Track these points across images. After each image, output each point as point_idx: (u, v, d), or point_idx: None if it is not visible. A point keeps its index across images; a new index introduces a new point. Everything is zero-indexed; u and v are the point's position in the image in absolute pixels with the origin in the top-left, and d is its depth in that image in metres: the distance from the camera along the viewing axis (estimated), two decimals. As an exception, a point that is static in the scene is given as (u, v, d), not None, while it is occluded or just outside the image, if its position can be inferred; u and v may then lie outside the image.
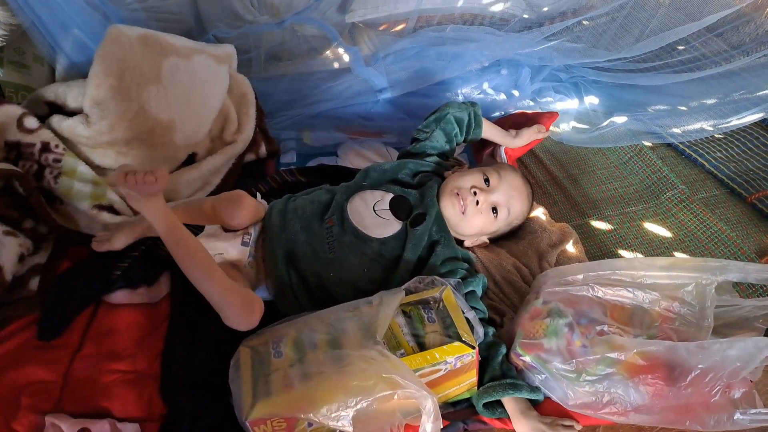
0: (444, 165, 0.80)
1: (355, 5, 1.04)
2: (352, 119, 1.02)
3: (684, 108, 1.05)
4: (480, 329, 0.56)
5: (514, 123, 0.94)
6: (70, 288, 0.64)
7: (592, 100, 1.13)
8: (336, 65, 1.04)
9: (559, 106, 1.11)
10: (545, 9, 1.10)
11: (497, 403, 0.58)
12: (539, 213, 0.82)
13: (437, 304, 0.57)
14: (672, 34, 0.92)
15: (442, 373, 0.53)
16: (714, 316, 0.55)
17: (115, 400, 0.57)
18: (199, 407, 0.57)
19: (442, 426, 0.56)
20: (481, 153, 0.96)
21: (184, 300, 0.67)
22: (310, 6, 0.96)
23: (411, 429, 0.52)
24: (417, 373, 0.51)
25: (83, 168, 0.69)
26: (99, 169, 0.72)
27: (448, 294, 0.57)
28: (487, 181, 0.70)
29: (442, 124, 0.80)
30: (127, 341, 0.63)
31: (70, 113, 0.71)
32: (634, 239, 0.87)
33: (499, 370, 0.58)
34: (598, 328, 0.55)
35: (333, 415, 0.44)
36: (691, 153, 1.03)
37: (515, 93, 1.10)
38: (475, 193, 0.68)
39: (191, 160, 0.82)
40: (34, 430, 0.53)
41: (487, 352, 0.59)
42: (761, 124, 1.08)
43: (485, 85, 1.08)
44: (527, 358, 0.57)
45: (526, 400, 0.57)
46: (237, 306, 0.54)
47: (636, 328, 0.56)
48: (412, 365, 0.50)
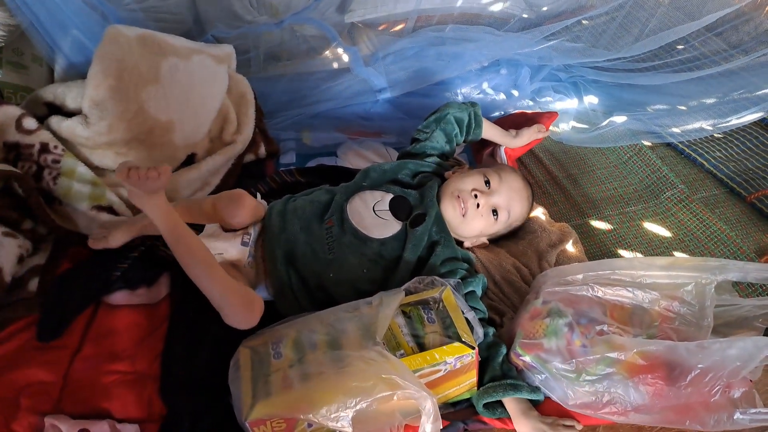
0: (444, 165, 0.80)
1: (354, 5, 1.04)
2: (352, 119, 1.02)
3: (683, 107, 1.05)
4: (479, 330, 0.56)
5: (513, 123, 0.94)
6: (69, 289, 0.64)
7: (591, 100, 1.12)
8: (335, 65, 1.04)
9: (558, 106, 1.11)
10: (544, 9, 1.10)
11: (497, 404, 0.58)
12: (539, 213, 0.82)
13: (437, 305, 0.57)
14: (671, 33, 0.93)
15: (441, 373, 0.53)
16: (714, 316, 0.55)
17: (115, 400, 0.57)
18: (199, 408, 0.57)
19: (442, 426, 0.56)
20: (480, 153, 0.96)
21: (184, 300, 0.67)
22: (309, 6, 0.96)
23: (411, 429, 0.52)
24: (417, 374, 0.51)
25: (82, 169, 0.69)
26: (98, 170, 0.72)
27: (447, 294, 0.57)
28: (487, 183, 0.70)
29: (442, 125, 0.80)
30: (126, 342, 0.63)
31: (69, 114, 0.71)
32: (633, 239, 0.87)
33: (500, 370, 0.58)
34: (598, 327, 0.55)
35: (332, 415, 0.45)
36: (691, 152, 1.03)
37: (515, 93, 1.10)
38: (475, 196, 0.68)
39: (190, 160, 0.81)
40: (33, 431, 0.53)
41: (487, 353, 0.59)
42: (760, 123, 1.08)
43: (485, 85, 1.08)
44: (527, 358, 0.57)
45: (527, 400, 0.57)
46: (237, 305, 0.54)
47: (636, 327, 0.56)
48: (412, 366, 0.50)
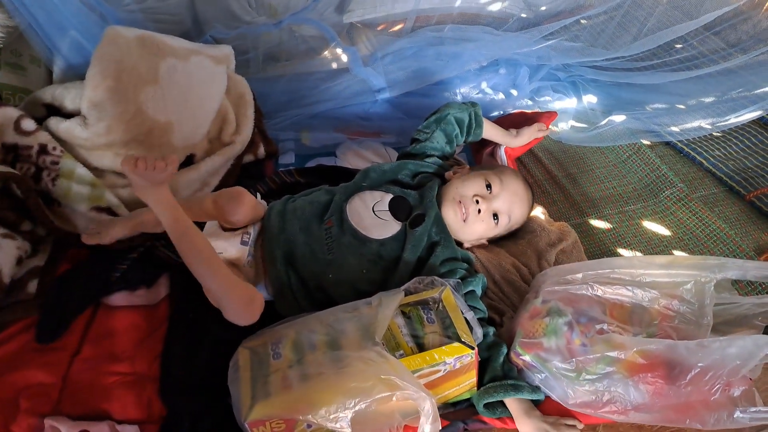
0: (444, 166, 0.80)
1: (353, 5, 1.04)
2: (351, 119, 1.02)
3: (682, 106, 1.05)
4: (479, 330, 0.56)
5: (513, 122, 0.94)
6: (68, 290, 0.64)
7: (590, 99, 1.12)
8: (334, 65, 1.04)
9: (557, 105, 1.11)
10: (543, 8, 1.10)
11: (498, 403, 0.58)
12: (538, 212, 0.82)
13: (436, 305, 0.57)
14: (670, 32, 0.92)
15: (441, 374, 0.53)
16: (713, 314, 0.55)
17: (115, 402, 0.57)
18: (198, 408, 0.58)
19: (442, 426, 0.56)
20: (480, 152, 0.96)
21: (184, 301, 0.67)
22: (307, 6, 0.96)
23: (410, 430, 0.52)
24: (416, 374, 0.51)
25: (81, 170, 0.69)
26: (97, 171, 0.72)
27: (447, 294, 0.57)
28: (488, 186, 0.70)
29: (442, 125, 0.80)
30: (126, 343, 0.63)
31: (68, 115, 0.71)
32: (633, 238, 0.87)
33: (501, 370, 0.58)
34: (598, 326, 0.55)
35: (331, 416, 0.44)
36: (690, 151, 1.03)
37: (514, 92, 1.10)
38: (477, 201, 0.68)
39: (189, 161, 0.81)
40: (33, 433, 0.53)
41: (488, 353, 0.59)
42: (759, 122, 1.08)
43: (484, 85, 1.08)
44: (527, 358, 0.57)
45: (529, 399, 0.57)
46: (238, 300, 0.54)
47: (635, 326, 0.56)
48: (411, 366, 0.50)
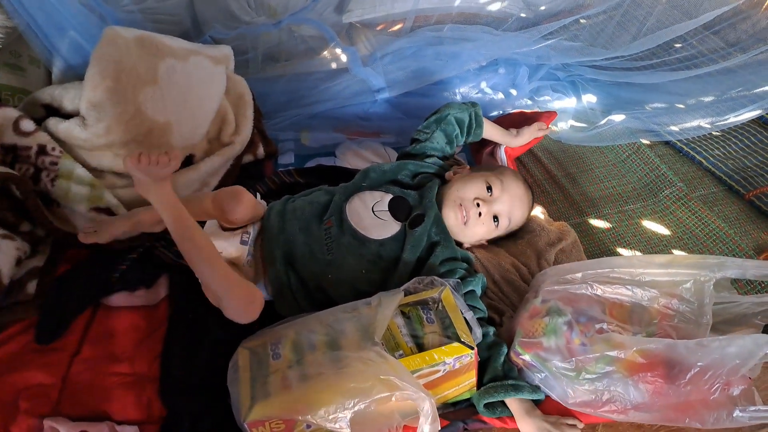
0: (444, 166, 0.80)
1: (352, 5, 1.04)
2: (350, 119, 1.02)
3: (681, 106, 1.05)
4: (478, 330, 0.56)
5: (512, 122, 0.94)
6: (68, 291, 0.64)
7: (589, 99, 1.12)
8: (333, 65, 1.04)
9: (557, 105, 1.11)
10: (542, 8, 1.10)
11: (498, 403, 0.58)
12: (537, 212, 0.82)
13: (436, 305, 0.57)
14: (669, 31, 0.92)
15: (441, 374, 0.53)
16: (713, 313, 0.55)
17: (114, 402, 0.58)
18: (198, 409, 0.58)
19: (442, 425, 0.56)
20: (480, 152, 0.96)
21: (183, 302, 0.67)
22: (307, 6, 0.96)
23: (409, 430, 0.52)
24: (415, 374, 0.51)
25: (80, 170, 0.69)
26: (96, 172, 0.72)
27: (447, 294, 0.57)
28: (489, 188, 0.70)
29: (442, 125, 0.80)
30: (125, 344, 0.63)
31: (67, 116, 0.71)
32: (632, 237, 0.87)
33: (501, 370, 0.58)
34: (597, 326, 0.55)
35: (330, 416, 0.44)
36: (689, 151, 1.03)
37: (513, 92, 1.10)
38: (477, 204, 0.68)
39: (189, 161, 0.81)
40: (32, 434, 0.53)
41: (488, 352, 0.59)
42: (758, 121, 1.08)
43: (483, 85, 1.08)
44: (526, 357, 0.57)
45: (529, 399, 0.57)
46: (239, 298, 0.54)
47: (635, 325, 0.56)
48: (411, 366, 0.50)
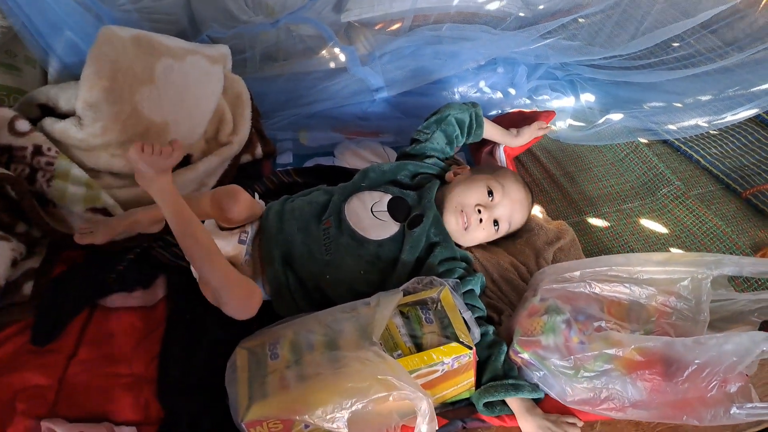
0: (444, 167, 0.79)
1: (351, 4, 1.04)
2: (349, 119, 1.02)
3: (679, 105, 1.05)
4: (476, 330, 0.56)
5: (511, 121, 0.94)
6: (64, 292, 0.63)
7: (588, 98, 1.13)
8: (332, 65, 1.03)
9: (555, 104, 1.11)
10: (541, 7, 1.10)
11: (498, 402, 0.58)
12: (536, 211, 0.82)
13: (435, 305, 0.57)
14: (667, 31, 0.93)
15: (439, 373, 0.53)
16: (710, 311, 0.55)
17: (112, 403, 0.57)
18: (196, 410, 0.57)
19: (441, 424, 0.56)
20: (479, 151, 0.96)
21: (181, 302, 0.67)
22: (305, 5, 0.95)
23: (407, 430, 0.52)
24: (414, 374, 0.50)
25: (77, 171, 0.69)
26: (92, 172, 0.71)
27: (446, 294, 0.57)
28: (490, 193, 0.70)
29: (442, 126, 0.79)
30: (123, 344, 0.62)
31: (63, 116, 0.71)
32: (630, 236, 0.87)
33: (501, 369, 0.58)
34: (596, 324, 0.55)
35: (328, 416, 0.44)
36: (687, 149, 1.03)
37: (512, 91, 1.10)
38: (479, 211, 0.68)
39: (186, 161, 0.81)
40: (29, 435, 0.53)
41: (488, 351, 0.59)
42: (755, 119, 1.09)
43: (482, 84, 1.08)
44: (525, 355, 0.57)
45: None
46: (237, 293, 0.54)
47: (633, 323, 0.56)
48: (409, 366, 0.50)
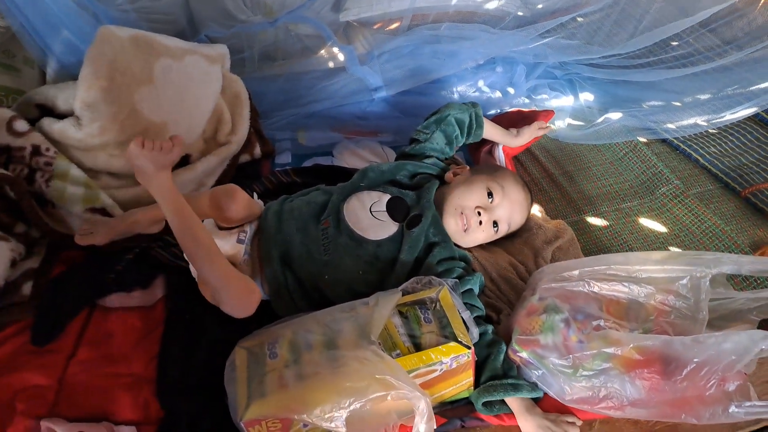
0: (443, 167, 0.79)
1: (349, 4, 1.04)
2: (348, 119, 1.02)
3: (678, 103, 1.05)
4: (474, 330, 0.56)
5: (510, 121, 0.94)
6: (63, 292, 0.63)
7: (587, 97, 1.13)
8: (331, 64, 1.03)
9: (554, 103, 1.12)
10: (539, 6, 1.10)
11: (497, 401, 0.58)
12: (535, 210, 0.82)
13: (434, 305, 0.57)
14: (666, 29, 0.93)
15: (437, 373, 0.53)
16: (709, 309, 0.55)
17: (112, 403, 0.57)
18: (196, 409, 0.57)
19: (440, 423, 0.56)
20: (478, 150, 0.96)
21: (180, 302, 0.67)
22: (303, 5, 0.95)
23: (406, 429, 0.52)
24: (412, 374, 0.50)
25: (75, 171, 0.69)
26: (91, 172, 0.71)
27: (444, 294, 0.57)
28: (490, 194, 0.70)
29: (442, 126, 0.79)
30: (122, 344, 0.63)
31: (61, 116, 0.71)
32: (629, 235, 0.87)
33: (501, 369, 0.58)
34: (594, 323, 0.55)
35: (326, 416, 0.44)
36: (686, 148, 1.03)
37: (510, 90, 1.10)
38: (479, 213, 0.68)
39: (185, 161, 0.81)
40: (29, 435, 0.53)
41: (487, 351, 0.59)
42: (754, 118, 1.09)
43: (480, 83, 1.08)
44: (524, 354, 0.57)
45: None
46: (236, 291, 0.54)
47: (632, 322, 0.57)
48: (407, 366, 0.50)
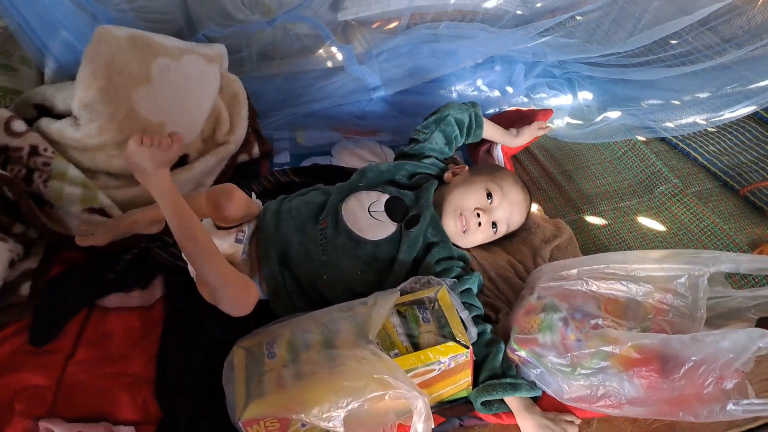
0: (442, 167, 0.79)
1: (348, 3, 1.03)
2: (346, 118, 1.02)
3: (677, 102, 1.05)
4: (473, 329, 0.56)
5: (509, 120, 0.94)
6: (62, 292, 0.63)
7: (585, 96, 1.13)
8: (329, 64, 1.03)
9: (553, 102, 1.11)
10: (538, 5, 1.09)
11: (496, 400, 0.58)
12: (533, 209, 0.82)
13: (432, 304, 0.57)
14: (664, 28, 0.93)
15: (436, 373, 0.53)
16: (707, 308, 0.55)
17: (110, 403, 0.57)
18: (195, 409, 0.57)
19: (438, 422, 0.56)
20: (477, 150, 0.96)
21: (179, 302, 0.67)
22: (302, 4, 0.95)
23: (404, 429, 0.52)
24: (410, 374, 0.51)
25: (73, 171, 0.69)
26: (89, 172, 0.71)
27: (443, 294, 0.57)
28: (489, 195, 0.70)
29: (442, 126, 0.79)
30: (121, 345, 0.63)
31: (59, 116, 0.71)
32: (628, 234, 0.87)
33: (500, 368, 0.58)
34: (593, 321, 0.55)
35: (324, 415, 0.44)
36: (685, 147, 1.03)
37: (509, 89, 1.10)
38: (478, 215, 0.68)
39: (183, 161, 0.81)
40: (27, 436, 0.53)
41: (486, 350, 0.59)
42: (753, 117, 1.09)
43: (479, 82, 1.08)
44: (522, 353, 0.57)
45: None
46: (234, 289, 0.54)
47: (630, 320, 0.57)
48: (405, 365, 0.50)
